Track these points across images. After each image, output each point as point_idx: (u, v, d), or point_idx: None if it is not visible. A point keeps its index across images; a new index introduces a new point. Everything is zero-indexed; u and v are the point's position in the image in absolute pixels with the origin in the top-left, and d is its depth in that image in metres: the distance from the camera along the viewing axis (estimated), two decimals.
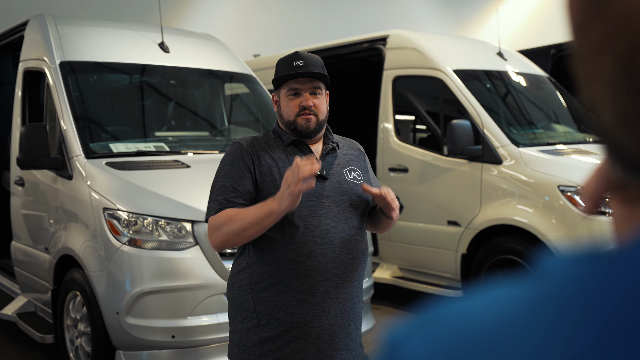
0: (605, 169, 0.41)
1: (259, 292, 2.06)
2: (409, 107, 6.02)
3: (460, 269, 5.00)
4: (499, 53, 6.02)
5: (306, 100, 2.11)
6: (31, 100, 4.78)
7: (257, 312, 2.05)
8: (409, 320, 0.40)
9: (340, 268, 2.07)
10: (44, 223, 4.25)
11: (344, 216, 2.10)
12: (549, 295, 0.35)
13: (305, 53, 2.15)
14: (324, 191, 2.09)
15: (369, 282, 4.36)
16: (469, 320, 0.36)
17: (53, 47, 4.33)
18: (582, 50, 0.37)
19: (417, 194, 5.37)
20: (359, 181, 2.18)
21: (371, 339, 4.72)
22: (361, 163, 2.26)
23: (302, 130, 2.12)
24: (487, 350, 0.34)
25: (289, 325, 2.03)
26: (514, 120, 5.40)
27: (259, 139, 2.16)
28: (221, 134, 5.02)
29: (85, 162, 3.84)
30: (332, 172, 2.14)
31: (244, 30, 11.75)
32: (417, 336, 0.38)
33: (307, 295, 2.03)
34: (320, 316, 2.04)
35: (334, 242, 2.06)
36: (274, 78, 2.14)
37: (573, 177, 4.45)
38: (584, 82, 0.37)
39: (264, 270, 2.05)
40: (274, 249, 2.04)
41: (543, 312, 0.34)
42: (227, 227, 1.97)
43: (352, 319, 2.13)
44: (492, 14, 13.97)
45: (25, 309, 4.63)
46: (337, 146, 2.20)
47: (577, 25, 0.37)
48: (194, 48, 5.08)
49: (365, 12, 13.16)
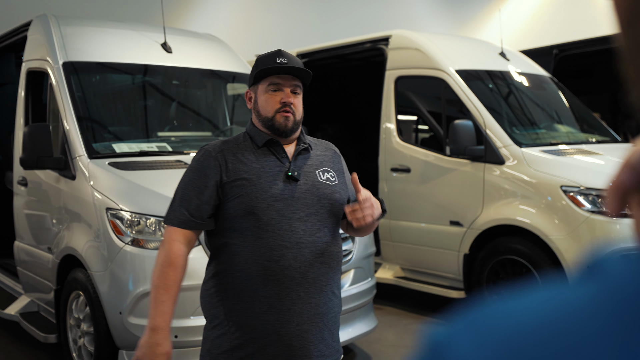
0: (633, 168, 0.39)
1: (229, 299, 2.02)
2: (411, 107, 6.02)
3: (463, 269, 5.00)
4: (502, 53, 6.02)
5: (287, 97, 2.06)
6: (34, 101, 4.79)
7: (227, 320, 2.01)
8: (451, 320, 0.38)
9: (312, 273, 2.01)
10: (46, 223, 4.26)
11: (315, 219, 2.04)
12: (618, 294, 0.33)
13: (288, 52, 2.12)
14: (295, 193, 2.03)
15: (371, 282, 4.36)
16: (519, 321, 0.34)
17: (56, 48, 4.34)
18: (633, 46, 0.35)
19: (420, 194, 5.37)
20: (333, 182, 2.11)
21: (373, 338, 4.72)
22: (336, 164, 2.19)
23: (279, 128, 2.06)
24: (539, 351, 0.32)
25: (259, 332, 1.98)
26: (516, 121, 5.40)
27: (228, 143, 2.09)
28: (223, 134, 5.02)
29: (88, 162, 3.85)
30: (304, 173, 2.07)
31: (246, 31, 11.76)
32: (465, 336, 0.35)
33: (276, 301, 1.98)
34: (290, 322, 1.98)
35: (305, 245, 2.00)
36: (256, 72, 2.08)
37: (576, 177, 4.45)
38: (636, 79, 0.36)
39: (233, 277, 2.01)
40: (242, 254, 1.99)
41: (593, 312, 0.32)
42: (155, 273, 2.01)
43: (326, 324, 2.06)
44: (494, 14, 13.95)
45: (28, 309, 4.64)
46: (310, 147, 2.14)
47: (626, 21, 0.35)
48: (197, 48, 5.09)
49: (368, 12, 13.15)
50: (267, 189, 2.00)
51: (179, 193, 2.07)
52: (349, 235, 4.18)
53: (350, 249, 4.16)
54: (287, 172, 2.04)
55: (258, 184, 2.00)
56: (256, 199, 1.98)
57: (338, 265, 2.12)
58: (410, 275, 5.60)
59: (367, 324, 4.29)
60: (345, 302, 4.04)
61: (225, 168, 2.02)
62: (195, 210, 2.01)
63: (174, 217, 2.04)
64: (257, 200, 1.98)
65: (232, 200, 2.00)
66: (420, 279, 5.50)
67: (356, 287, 4.17)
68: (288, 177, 2.04)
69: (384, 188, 5.68)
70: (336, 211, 2.10)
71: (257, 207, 1.98)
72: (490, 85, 5.60)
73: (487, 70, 5.64)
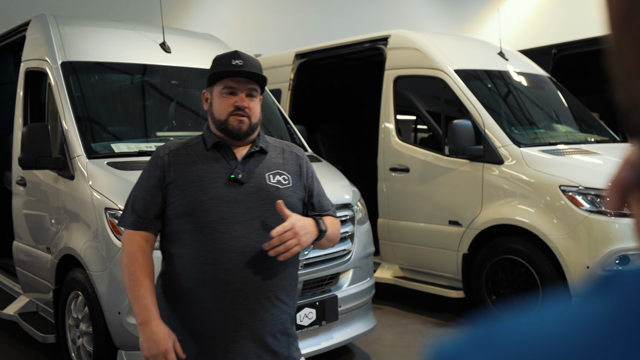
0: (633, 165, 0.39)
1: (170, 303, 2.00)
2: (410, 107, 6.02)
3: (462, 269, 5.00)
4: (500, 53, 6.02)
5: (241, 101, 2.03)
6: (33, 101, 4.78)
7: (170, 323, 1.98)
8: (460, 333, 0.37)
9: (252, 278, 1.95)
10: (45, 223, 4.26)
11: (259, 222, 1.98)
12: (616, 310, 0.32)
13: (245, 54, 2.08)
14: (238, 196, 1.98)
15: (370, 282, 4.36)
16: (531, 337, 0.33)
17: (55, 47, 4.34)
18: (625, 43, 0.35)
19: (419, 194, 5.37)
20: (284, 185, 2.05)
21: (372, 338, 4.72)
22: (293, 167, 2.12)
23: (232, 131, 2.03)
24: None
25: (199, 337, 1.95)
26: (515, 120, 5.40)
27: (181, 145, 2.08)
28: None
29: (86, 162, 3.84)
30: (253, 175, 2.03)
31: (245, 30, 11.75)
32: (474, 351, 0.34)
33: (213, 306, 1.93)
34: (228, 327, 1.94)
35: (244, 250, 1.94)
36: (210, 74, 2.06)
37: (574, 177, 4.45)
38: (625, 77, 0.35)
39: (174, 280, 1.99)
40: (182, 257, 1.97)
41: (611, 328, 0.31)
42: (124, 276, 2.00)
43: (269, 331, 1.99)
44: (493, 14, 13.96)
45: (27, 309, 4.63)
46: (264, 150, 2.09)
47: (619, 17, 0.35)
48: (196, 48, 5.08)
49: (367, 12, 13.15)
50: (208, 190, 1.96)
51: (131, 195, 2.08)
52: (348, 235, 4.18)
53: (349, 249, 4.16)
54: (231, 174, 2.00)
55: (199, 185, 1.97)
56: (195, 201, 1.95)
57: (284, 270, 2.04)
58: (409, 275, 5.60)
59: (366, 323, 4.29)
60: (344, 302, 4.05)
61: (169, 169, 2.01)
62: (143, 211, 2.01)
63: (126, 220, 2.05)
64: (196, 202, 1.95)
65: (173, 201, 1.98)
66: (419, 278, 5.50)
67: (355, 286, 4.17)
68: (231, 179, 2.00)
69: (383, 188, 5.68)
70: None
71: (196, 209, 1.95)
72: (489, 85, 5.60)
73: (486, 70, 5.64)
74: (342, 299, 4.03)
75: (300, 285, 3.85)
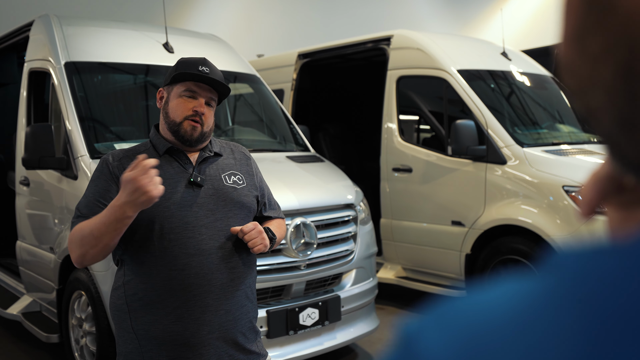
0: (602, 173, 0.42)
1: (136, 311, 1.96)
2: (412, 107, 6.02)
3: (465, 269, 5.00)
4: (503, 53, 6.02)
5: (200, 106, 2.02)
6: (36, 101, 4.79)
7: (135, 333, 1.96)
8: (424, 313, 0.40)
9: (220, 279, 1.97)
10: (49, 223, 4.27)
11: (222, 224, 1.99)
12: (554, 288, 0.35)
13: (212, 63, 2.08)
14: (198, 199, 1.98)
15: (372, 282, 4.37)
16: (481, 314, 0.37)
17: (58, 48, 4.35)
18: (579, 60, 0.37)
19: (421, 194, 5.37)
20: (240, 185, 2.08)
21: (375, 338, 4.72)
22: (245, 167, 2.15)
23: (184, 136, 2.02)
24: (497, 343, 0.35)
25: (169, 344, 1.94)
26: (518, 121, 5.39)
27: (129, 151, 2.04)
28: (225, 134, 5.03)
29: (90, 162, 3.85)
30: (209, 177, 2.03)
31: (247, 31, 11.77)
32: (433, 329, 0.38)
33: (184, 311, 1.93)
34: (200, 331, 1.94)
35: (210, 252, 1.96)
36: (175, 73, 2.04)
37: (577, 177, 4.44)
38: (580, 90, 0.38)
39: (140, 289, 1.96)
40: (147, 265, 1.94)
41: (547, 306, 0.35)
42: (81, 240, 1.86)
43: (239, 330, 2.02)
44: (496, 14, 13.95)
45: (30, 309, 4.64)
46: (216, 153, 2.11)
47: (574, 35, 0.37)
48: (199, 48, 5.09)
49: (369, 12, 13.16)
50: (169, 196, 1.95)
51: (81, 203, 2.01)
52: (351, 235, 4.18)
53: (352, 249, 4.16)
54: (190, 178, 2.00)
55: None
56: (158, 207, 1.91)
57: (250, 269, 2.07)
58: (412, 275, 5.60)
59: (368, 324, 4.29)
60: (347, 302, 4.05)
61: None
62: (90, 212, 1.95)
63: (74, 222, 1.97)
64: (159, 209, 1.92)
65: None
66: (422, 279, 5.50)
67: (358, 287, 4.17)
68: (191, 183, 1.99)
69: (385, 188, 5.68)
70: (244, 214, 2.06)
71: (160, 216, 1.94)
72: (492, 85, 5.60)
73: (488, 70, 5.64)
74: (345, 299, 4.03)
75: (303, 286, 3.85)
